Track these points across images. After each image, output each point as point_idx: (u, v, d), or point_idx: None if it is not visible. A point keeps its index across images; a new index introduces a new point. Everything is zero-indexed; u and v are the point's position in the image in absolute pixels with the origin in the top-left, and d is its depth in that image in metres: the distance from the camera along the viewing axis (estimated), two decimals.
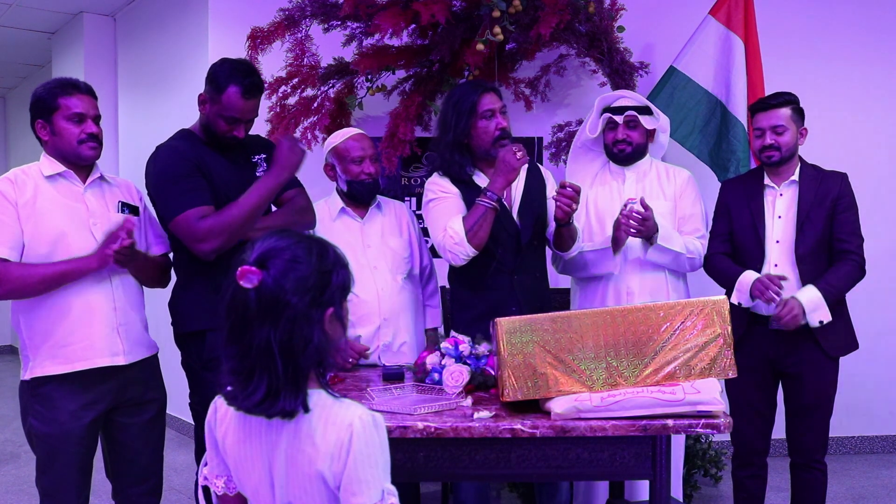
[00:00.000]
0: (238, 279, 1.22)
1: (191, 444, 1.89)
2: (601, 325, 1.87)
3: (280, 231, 1.31)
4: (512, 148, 2.34)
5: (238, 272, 1.22)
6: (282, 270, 1.23)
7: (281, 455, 1.28)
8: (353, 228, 2.67)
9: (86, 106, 2.19)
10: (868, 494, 3.59)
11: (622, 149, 2.75)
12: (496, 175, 2.36)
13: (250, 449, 1.32)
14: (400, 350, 2.62)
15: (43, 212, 2.11)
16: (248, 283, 1.22)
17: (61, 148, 2.17)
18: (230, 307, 1.24)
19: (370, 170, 2.63)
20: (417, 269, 2.76)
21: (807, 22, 4.09)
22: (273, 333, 1.22)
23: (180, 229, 2.25)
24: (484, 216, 2.36)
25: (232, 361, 1.26)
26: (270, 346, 1.22)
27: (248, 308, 1.22)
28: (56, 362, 2.12)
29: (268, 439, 1.30)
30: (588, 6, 3.26)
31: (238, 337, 1.24)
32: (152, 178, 2.32)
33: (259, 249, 1.25)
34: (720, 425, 1.79)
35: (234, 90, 2.28)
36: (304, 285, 1.23)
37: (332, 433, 1.25)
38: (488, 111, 2.45)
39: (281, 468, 1.29)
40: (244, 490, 1.38)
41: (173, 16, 4.61)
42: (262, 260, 1.23)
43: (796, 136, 2.61)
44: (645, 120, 2.74)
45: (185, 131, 2.43)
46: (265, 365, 1.22)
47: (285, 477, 1.29)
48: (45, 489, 2.19)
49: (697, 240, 2.74)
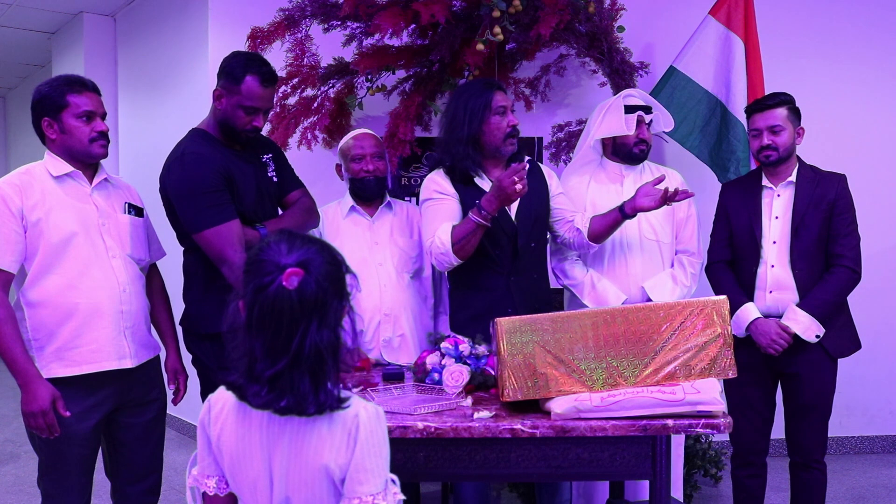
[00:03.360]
0: (283, 281, 1.25)
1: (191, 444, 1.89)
2: (601, 325, 1.87)
3: (290, 233, 1.35)
4: (513, 176, 2.26)
5: (284, 274, 1.26)
6: (322, 272, 1.28)
7: (283, 449, 1.31)
8: (362, 226, 2.69)
9: (94, 104, 2.18)
10: (868, 494, 3.59)
11: (642, 149, 2.76)
12: (491, 194, 2.33)
13: (249, 445, 1.34)
14: (400, 347, 2.62)
15: (53, 214, 2.10)
16: (291, 285, 1.26)
17: (71, 146, 2.16)
18: (270, 309, 1.26)
19: (369, 167, 2.65)
20: (429, 269, 2.75)
21: (807, 22, 4.09)
22: (316, 332, 1.26)
23: (208, 244, 2.25)
24: (473, 232, 2.36)
25: (262, 363, 1.27)
26: (315, 345, 1.26)
27: (290, 309, 1.26)
28: (63, 365, 2.11)
29: (269, 434, 1.32)
30: (588, 6, 3.26)
31: (274, 338, 1.26)
32: (177, 185, 2.29)
33: (296, 252, 1.29)
34: (720, 425, 1.79)
35: (252, 79, 2.29)
36: (339, 286, 1.31)
37: (338, 425, 1.30)
38: (501, 107, 2.47)
39: (282, 462, 1.31)
40: (238, 488, 1.39)
41: (173, 16, 4.61)
42: (303, 263, 1.28)
43: (793, 136, 2.62)
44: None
45: (200, 131, 2.40)
46: (308, 363, 1.26)
47: (286, 471, 1.31)
48: (48, 490, 2.18)
49: (687, 262, 2.75)
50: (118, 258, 2.19)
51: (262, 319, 1.27)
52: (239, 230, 2.27)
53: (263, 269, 1.28)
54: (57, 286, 2.10)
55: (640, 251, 2.73)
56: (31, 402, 2.02)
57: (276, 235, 1.34)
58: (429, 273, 2.74)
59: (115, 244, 2.20)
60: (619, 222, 2.53)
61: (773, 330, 2.55)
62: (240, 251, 2.23)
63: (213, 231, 2.24)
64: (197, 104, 4.21)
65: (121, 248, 2.21)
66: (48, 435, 2.05)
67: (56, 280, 2.10)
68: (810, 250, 2.57)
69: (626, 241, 2.74)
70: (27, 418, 2.04)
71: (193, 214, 2.26)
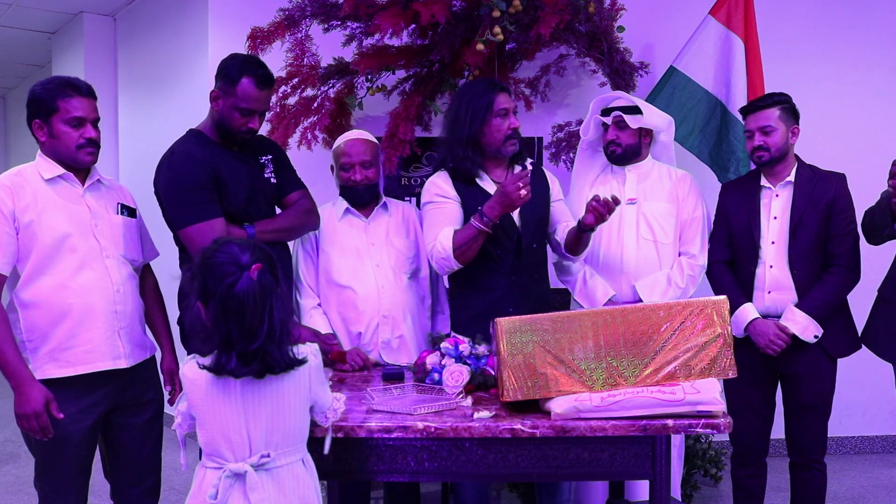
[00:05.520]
0: (251, 275, 1.57)
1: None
2: (601, 325, 1.87)
3: (227, 240, 1.67)
4: (518, 182, 2.28)
5: (251, 270, 1.57)
6: (269, 263, 1.62)
7: (266, 406, 1.63)
8: (358, 227, 2.67)
9: (86, 109, 2.15)
10: (868, 494, 3.59)
11: (613, 150, 2.76)
12: (495, 201, 2.33)
13: (227, 411, 1.62)
14: (399, 348, 2.61)
15: (45, 215, 2.10)
16: (255, 277, 1.57)
17: (59, 151, 2.15)
18: (241, 300, 1.56)
19: (357, 177, 2.61)
20: (426, 270, 2.74)
21: (806, 22, 4.10)
22: (276, 311, 1.60)
23: (190, 241, 2.27)
24: (475, 238, 2.36)
25: (241, 343, 1.57)
26: (279, 321, 1.60)
27: (257, 297, 1.57)
28: (58, 366, 2.11)
29: (247, 398, 1.62)
30: (588, 6, 3.26)
31: (251, 320, 1.57)
32: (164, 183, 2.32)
33: (248, 250, 1.61)
34: (720, 425, 1.79)
35: (248, 81, 2.29)
36: (276, 272, 1.63)
37: (299, 370, 1.66)
38: (503, 110, 2.45)
39: (265, 417, 1.63)
40: (216, 440, 1.64)
41: (173, 16, 4.61)
42: (257, 259, 1.60)
43: (787, 136, 2.61)
44: (630, 119, 2.71)
45: (195, 132, 2.42)
46: (274, 335, 1.59)
47: (271, 422, 1.63)
48: (45, 491, 2.18)
49: (687, 263, 2.74)
50: (111, 258, 2.19)
51: (237, 309, 1.56)
52: (222, 229, 2.28)
53: (225, 271, 1.57)
54: (50, 287, 2.10)
55: (636, 251, 2.73)
56: (24, 404, 2.02)
57: (217, 244, 1.63)
58: (426, 273, 2.73)
59: (109, 244, 2.20)
60: (581, 236, 2.49)
61: (771, 330, 2.55)
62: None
63: (196, 228, 2.26)
64: (197, 104, 4.21)
65: (114, 249, 2.21)
66: (42, 437, 2.05)
67: (49, 281, 2.10)
68: (809, 250, 2.57)
69: (622, 241, 2.74)
70: (20, 420, 2.04)
71: (177, 211, 2.29)
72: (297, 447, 1.70)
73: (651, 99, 3.36)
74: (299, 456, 1.70)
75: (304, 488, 1.69)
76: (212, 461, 1.66)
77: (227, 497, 1.62)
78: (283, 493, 1.65)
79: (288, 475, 1.66)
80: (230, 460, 1.63)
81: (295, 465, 1.68)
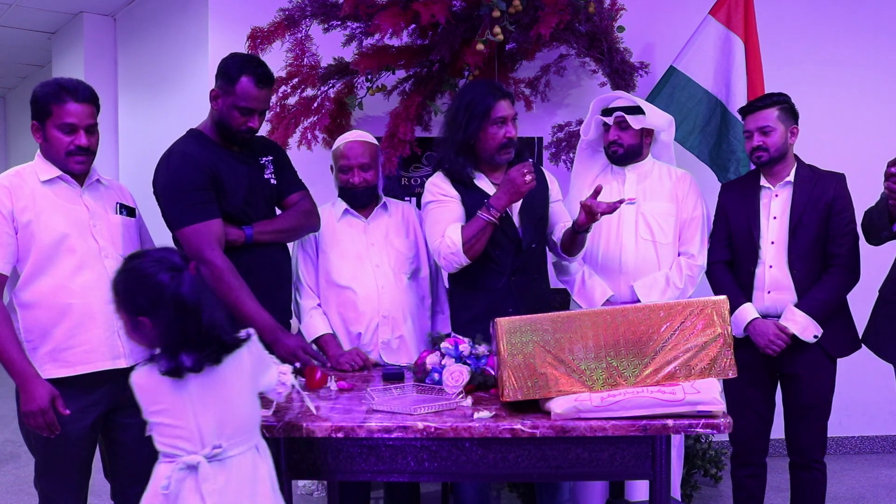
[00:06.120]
0: (192, 271, 1.64)
1: None
2: (601, 325, 1.87)
3: (142, 251, 1.75)
4: (522, 169, 2.31)
5: (190, 267, 1.65)
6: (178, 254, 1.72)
7: (214, 398, 1.66)
8: (357, 227, 2.67)
9: (79, 116, 2.13)
10: (868, 494, 3.59)
11: (615, 150, 2.76)
12: (501, 191, 2.35)
13: (178, 407, 1.66)
14: (399, 349, 2.61)
15: (44, 216, 2.10)
16: (194, 272, 1.65)
17: (51, 156, 2.16)
18: (194, 296, 1.62)
19: (355, 180, 2.60)
20: (426, 270, 2.74)
21: (807, 22, 4.09)
22: (211, 309, 1.66)
23: (187, 242, 2.27)
24: (483, 230, 2.37)
25: (199, 336, 1.62)
26: (213, 317, 1.65)
27: (201, 290, 1.65)
28: (57, 365, 2.11)
29: (193, 393, 1.65)
30: (588, 6, 3.26)
31: (210, 311, 1.64)
32: (162, 183, 2.33)
33: (170, 255, 1.68)
34: (720, 425, 1.79)
35: (247, 80, 2.30)
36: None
37: (244, 354, 1.72)
38: (501, 118, 2.44)
39: (213, 409, 1.66)
40: (171, 437, 1.67)
41: (173, 16, 4.61)
42: (184, 258, 1.69)
43: (786, 136, 2.61)
44: (632, 120, 2.71)
45: (195, 131, 2.43)
46: (211, 330, 1.64)
47: (221, 413, 1.67)
48: (45, 491, 2.18)
49: (685, 264, 2.73)
50: (111, 258, 2.18)
51: (192, 308, 1.61)
52: (219, 230, 2.28)
53: (162, 280, 1.60)
54: (50, 287, 2.10)
55: (634, 250, 2.73)
56: (30, 401, 2.02)
57: (133, 258, 1.69)
58: (426, 273, 2.73)
59: (108, 244, 2.20)
60: (576, 236, 2.50)
61: (770, 330, 2.55)
62: (218, 251, 2.26)
63: (193, 229, 2.26)
64: (197, 104, 4.20)
65: (113, 249, 2.21)
66: (49, 434, 2.05)
67: (49, 281, 2.10)
68: (808, 250, 2.57)
69: (621, 240, 2.74)
70: (27, 418, 2.04)
71: (174, 211, 2.30)
72: (249, 435, 1.73)
73: (651, 99, 3.36)
74: (252, 443, 1.74)
75: (256, 474, 1.72)
76: (167, 457, 1.69)
77: (180, 489, 1.65)
78: (235, 481, 1.68)
79: (240, 463, 1.70)
80: (184, 454, 1.67)
81: (247, 453, 1.72)
